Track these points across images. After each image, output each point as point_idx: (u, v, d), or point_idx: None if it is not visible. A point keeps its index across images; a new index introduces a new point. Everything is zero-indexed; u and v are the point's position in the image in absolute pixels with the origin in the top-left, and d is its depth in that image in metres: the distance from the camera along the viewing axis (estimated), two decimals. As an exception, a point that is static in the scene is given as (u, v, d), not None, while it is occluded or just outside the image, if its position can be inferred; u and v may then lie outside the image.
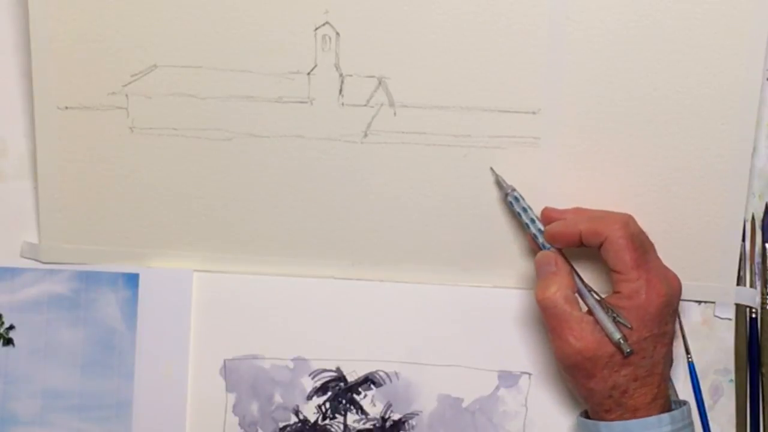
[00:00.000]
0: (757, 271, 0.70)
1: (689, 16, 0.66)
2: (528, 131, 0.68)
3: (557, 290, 0.63)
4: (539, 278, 0.65)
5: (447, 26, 0.67)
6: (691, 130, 0.67)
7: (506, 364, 0.70)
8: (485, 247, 0.69)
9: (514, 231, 0.69)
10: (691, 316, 0.70)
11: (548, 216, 0.67)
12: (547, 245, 0.66)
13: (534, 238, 0.66)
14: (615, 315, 0.62)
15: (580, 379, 0.63)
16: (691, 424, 0.64)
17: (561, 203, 0.67)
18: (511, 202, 0.67)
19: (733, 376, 0.70)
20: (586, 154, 0.68)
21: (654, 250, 0.65)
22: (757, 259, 0.70)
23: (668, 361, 0.64)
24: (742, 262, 0.69)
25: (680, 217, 0.68)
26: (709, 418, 0.69)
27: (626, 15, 0.66)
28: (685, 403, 0.65)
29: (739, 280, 0.69)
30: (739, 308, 0.70)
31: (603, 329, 0.62)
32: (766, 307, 0.69)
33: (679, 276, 0.64)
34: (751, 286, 0.70)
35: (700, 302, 0.70)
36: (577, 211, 0.67)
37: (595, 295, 0.64)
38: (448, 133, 0.68)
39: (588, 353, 0.62)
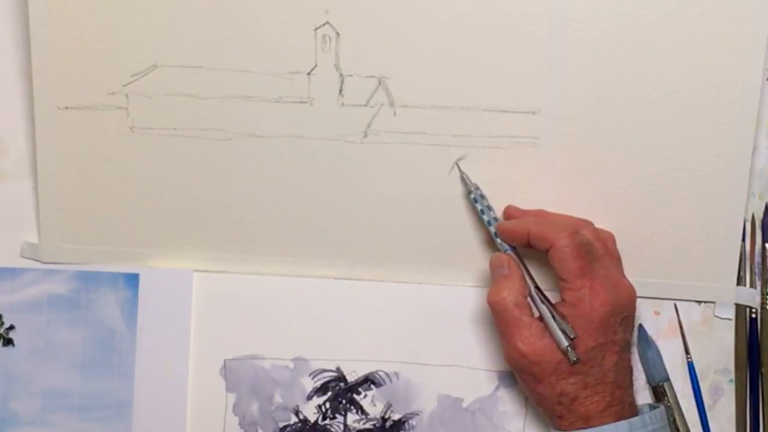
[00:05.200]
0: (757, 271, 0.70)
1: (689, 16, 0.66)
2: (528, 131, 0.68)
3: (508, 294, 0.63)
4: (492, 280, 0.65)
5: (447, 26, 0.67)
6: (691, 130, 0.67)
7: (506, 364, 0.70)
8: (485, 247, 0.69)
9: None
10: (691, 316, 0.70)
11: (510, 215, 0.67)
12: (505, 246, 0.66)
13: (493, 238, 0.67)
14: (562, 323, 0.62)
15: (529, 383, 0.63)
16: (663, 428, 0.63)
17: (561, 203, 0.68)
18: (475, 199, 0.67)
19: (733, 376, 0.70)
20: (586, 154, 0.68)
21: (610, 259, 0.64)
22: (757, 259, 0.70)
23: (622, 369, 0.63)
24: (742, 262, 0.69)
25: (680, 217, 0.68)
26: (709, 418, 0.69)
27: (626, 15, 0.66)
28: (656, 407, 0.64)
29: (739, 280, 0.69)
30: (739, 308, 0.69)
31: (551, 336, 0.62)
32: (766, 307, 0.69)
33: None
34: (751, 286, 0.70)
35: (700, 302, 0.70)
36: (539, 213, 0.67)
37: (546, 302, 0.63)
38: (448, 133, 0.68)
39: (534, 358, 0.62)
